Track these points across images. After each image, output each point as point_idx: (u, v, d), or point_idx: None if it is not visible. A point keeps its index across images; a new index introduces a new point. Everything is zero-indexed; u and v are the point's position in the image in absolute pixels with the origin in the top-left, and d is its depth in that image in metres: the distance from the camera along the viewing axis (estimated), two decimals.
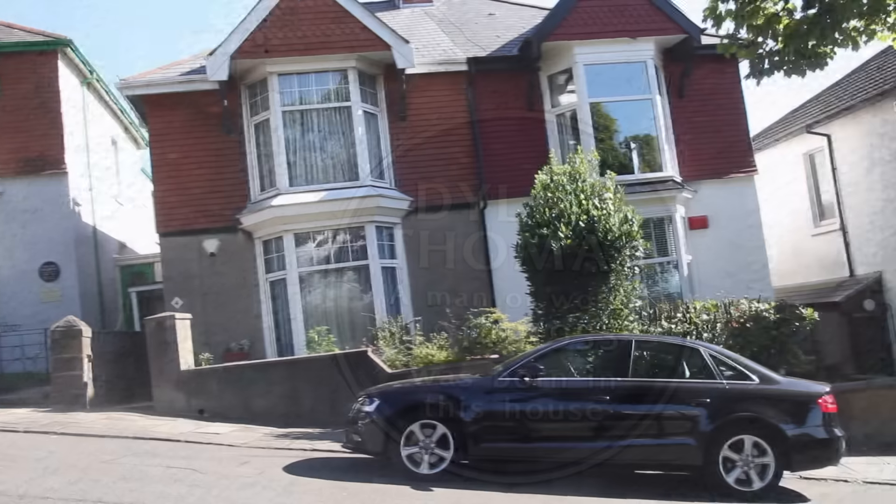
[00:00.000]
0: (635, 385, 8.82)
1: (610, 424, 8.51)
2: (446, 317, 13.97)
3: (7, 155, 17.19)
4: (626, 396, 8.66)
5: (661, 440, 8.59)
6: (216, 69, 15.13)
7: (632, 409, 8.63)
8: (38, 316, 16.32)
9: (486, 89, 16.90)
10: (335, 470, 8.89)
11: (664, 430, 8.63)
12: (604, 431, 8.51)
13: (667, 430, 8.62)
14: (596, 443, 8.52)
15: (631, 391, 8.73)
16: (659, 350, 9.94)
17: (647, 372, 9.38)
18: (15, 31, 18.08)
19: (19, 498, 6.40)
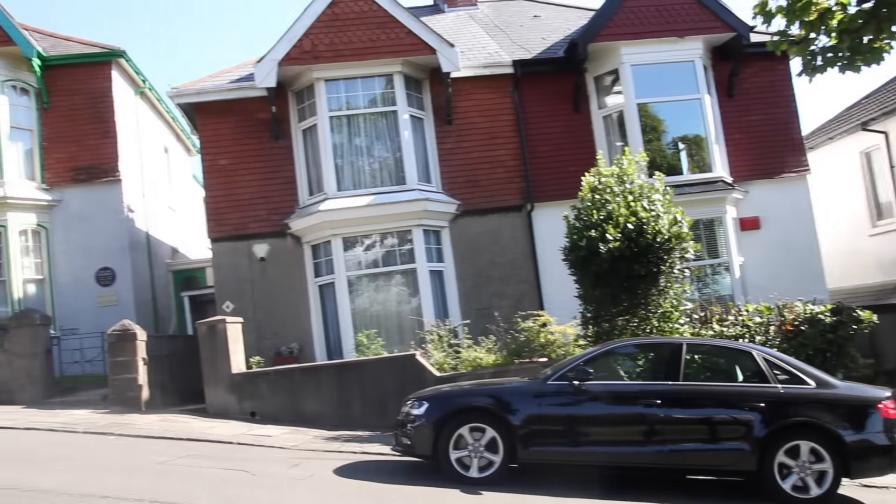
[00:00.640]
0: (687, 389, 8.68)
1: (661, 429, 8.40)
2: (494, 320, 13.97)
3: (64, 164, 17.66)
4: (678, 400, 8.54)
5: (714, 445, 8.45)
6: (264, 76, 15.35)
7: (683, 414, 8.51)
8: (95, 320, 16.70)
9: (531, 92, 16.86)
10: (385, 472, 8.93)
11: (717, 434, 8.49)
12: (654, 436, 8.40)
13: (719, 435, 8.48)
14: (646, 447, 8.43)
15: (682, 395, 8.60)
16: (711, 353, 9.78)
17: (698, 375, 9.24)
18: (72, 45, 18.56)
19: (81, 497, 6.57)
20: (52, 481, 7.25)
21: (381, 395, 12.66)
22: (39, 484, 7.05)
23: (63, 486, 7.01)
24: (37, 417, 12.14)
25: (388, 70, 15.96)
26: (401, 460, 9.45)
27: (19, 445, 9.89)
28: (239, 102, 16.19)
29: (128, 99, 19.29)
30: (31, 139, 17.60)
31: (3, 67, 17.19)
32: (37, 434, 10.84)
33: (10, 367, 14.17)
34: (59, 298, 17.28)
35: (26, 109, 17.65)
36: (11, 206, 16.75)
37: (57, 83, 17.82)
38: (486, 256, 16.16)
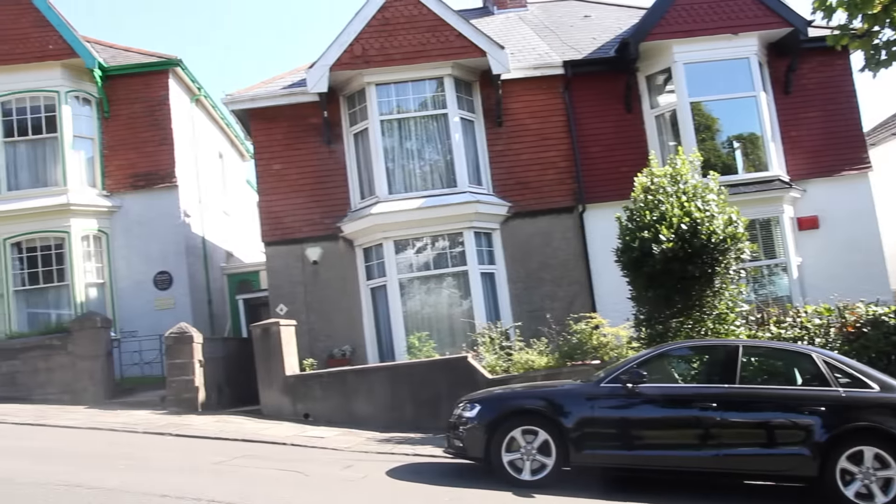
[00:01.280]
0: (743, 392, 8.51)
1: (717, 432, 8.24)
2: (546, 322, 13.90)
3: (124, 171, 18.13)
4: (734, 403, 8.37)
5: (772, 450, 8.26)
6: (316, 81, 15.54)
7: (740, 417, 8.35)
8: (153, 323, 17.09)
9: (583, 92, 16.74)
10: (437, 475, 8.94)
11: (775, 439, 8.30)
12: (710, 439, 8.25)
13: (778, 440, 8.28)
14: (702, 451, 8.28)
15: (739, 398, 8.43)
16: (768, 356, 9.57)
17: (755, 378, 9.06)
18: (131, 55, 19.03)
19: (142, 495, 6.72)
20: (115, 480, 7.43)
21: (433, 398, 12.69)
22: (103, 482, 7.24)
23: (125, 484, 7.19)
24: (99, 417, 12.47)
25: (439, 73, 16.00)
26: (453, 462, 9.46)
27: (83, 444, 10.16)
28: (291, 108, 16.41)
29: (184, 106, 19.70)
30: (92, 147, 18.11)
31: (66, 79, 17.72)
32: (99, 433, 11.14)
33: (74, 369, 14.58)
34: (119, 302, 17.73)
35: (88, 119, 18.16)
36: (74, 212, 17.25)
37: (117, 92, 18.32)
38: (538, 258, 16.09)
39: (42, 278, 17.29)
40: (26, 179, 17.63)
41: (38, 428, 11.50)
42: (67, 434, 11.06)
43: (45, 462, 8.56)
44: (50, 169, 17.63)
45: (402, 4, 15.94)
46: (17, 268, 17.31)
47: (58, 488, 6.87)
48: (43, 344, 14.79)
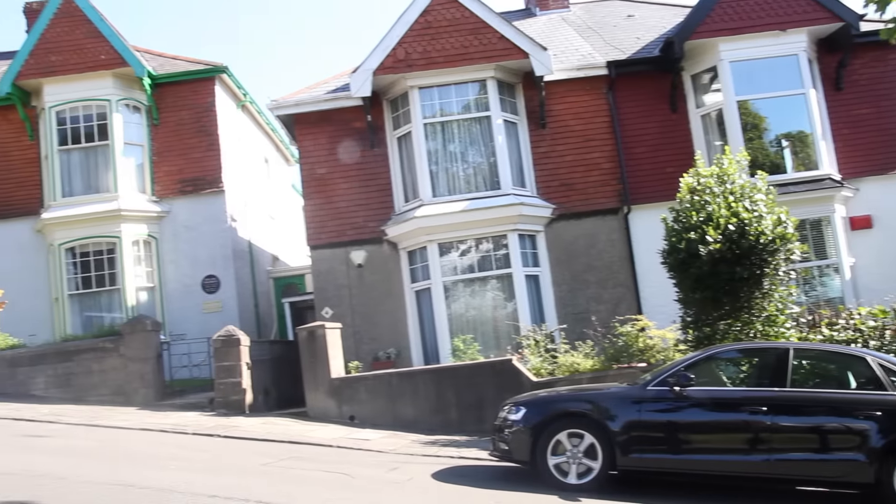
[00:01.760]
0: (795, 396, 8.33)
1: (767, 437, 8.08)
2: (591, 325, 13.80)
3: (172, 177, 18.48)
4: (785, 407, 8.20)
5: (826, 455, 8.07)
6: (359, 86, 15.65)
7: (791, 422, 8.17)
8: (201, 326, 17.38)
9: (627, 92, 16.61)
10: (482, 478, 8.92)
11: (828, 444, 8.10)
12: (760, 444, 8.09)
13: (831, 445, 8.09)
14: (751, 456, 8.12)
15: (790, 402, 8.25)
16: (820, 359, 9.36)
17: (807, 382, 8.86)
18: (179, 63, 19.40)
19: (192, 495, 6.82)
20: (165, 480, 7.56)
21: (477, 400, 12.67)
22: (154, 482, 7.37)
23: (175, 484, 7.31)
24: (150, 419, 12.70)
25: (482, 75, 16.01)
26: (498, 465, 9.44)
27: (135, 444, 10.36)
28: (335, 112, 16.55)
29: (230, 112, 20.00)
30: (142, 154, 18.49)
31: (117, 88, 18.14)
32: (150, 434, 11.34)
33: (125, 371, 14.87)
34: (168, 305, 18.06)
35: (138, 126, 18.55)
36: (125, 217, 17.63)
37: (165, 100, 18.69)
38: (583, 260, 15.99)
39: (95, 282, 17.71)
40: (80, 186, 18.09)
41: (91, 428, 11.75)
42: (120, 434, 11.29)
43: (98, 461, 8.75)
44: (102, 175, 18.06)
45: (445, 7, 15.99)
46: (72, 272, 17.75)
47: (112, 487, 7.02)
48: (96, 346, 15.11)
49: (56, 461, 8.56)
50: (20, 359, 15.21)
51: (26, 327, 17.17)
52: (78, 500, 6.48)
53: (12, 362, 15.19)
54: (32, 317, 17.59)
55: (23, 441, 10.12)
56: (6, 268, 17.90)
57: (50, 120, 18.08)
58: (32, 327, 17.34)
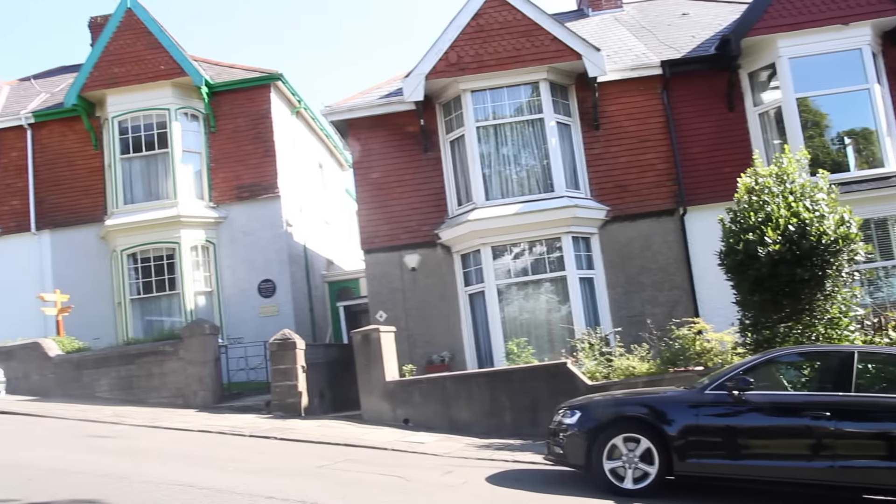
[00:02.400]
0: (860, 401, 8.07)
1: (830, 443, 7.84)
2: (646, 327, 13.63)
3: (229, 183, 18.83)
4: (849, 413, 7.94)
5: (893, 462, 7.79)
6: (412, 90, 15.73)
7: (856, 427, 7.92)
8: (258, 330, 17.67)
9: (682, 92, 16.37)
10: (537, 482, 8.87)
11: None
12: (823, 450, 7.85)
13: None
14: (814, 462, 7.89)
15: (855, 407, 8.00)
16: (887, 363, 9.05)
17: (872, 386, 8.56)
18: (235, 71, 19.77)
19: (249, 496, 6.94)
20: (224, 481, 7.69)
21: (532, 404, 12.62)
22: (213, 483, 7.50)
23: (233, 485, 7.43)
24: (208, 421, 12.94)
25: (534, 78, 15.95)
26: (553, 469, 9.38)
27: (194, 446, 10.56)
28: (388, 117, 16.67)
29: (285, 119, 20.29)
30: (200, 161, 18.89)
31: (176, 97, 18.58)
32: (209, 436, 11.56)
33: (185, 374, 15.19)
34: (226, 309, 18.39)
35: (196, 134, 18.96)
36: (184, 223, 18.02)
37: (222, 107, 19.06)
38: (638, 262, 15.80)
39: (155, 287, 18.13)
40: (141, 193, 18.56)
41: (152, 429, 12.03)
42: (179, 436, 11.53)
43: (159, 462, 8.95)
44: (162, 183, 18.50)
45: (496, 11, 15.96)
46: (133, 277, 18.21)
47: (172, 487, 7.17)
48: (156, 350, 15.47)
49: (120, 461, 8.79)
50: (85, 361, 15.67)
51: (91, 331, 17.72)
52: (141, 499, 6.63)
53: (78, 365, 15.66)
54: (97, 321, 18.13)
55: (88, 441, 10.41)
56: (72, 273, 18.50)
57: (113, 129, 18.61)
58: (97, 331, 17.87)
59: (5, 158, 19.40)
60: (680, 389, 9.09)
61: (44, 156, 19.30)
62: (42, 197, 19.11)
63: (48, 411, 13.33)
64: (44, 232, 19.02)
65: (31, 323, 18.01)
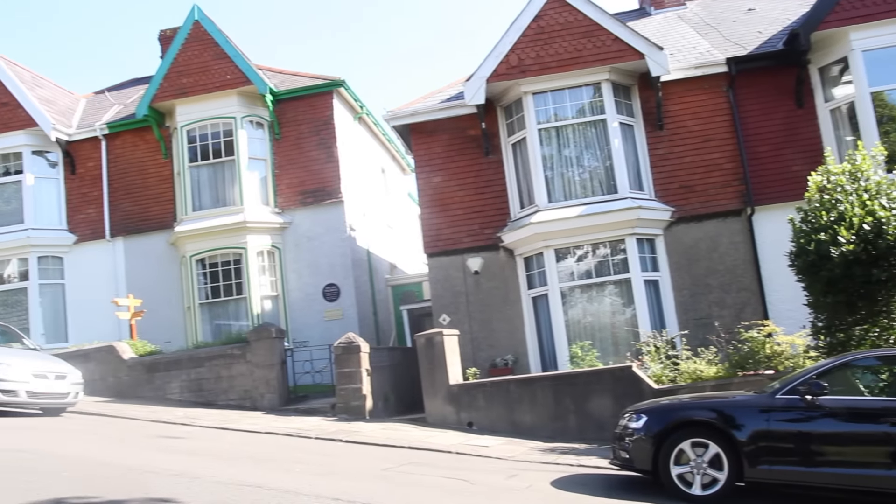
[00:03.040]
0: None
1: None
2: (714, 330, 13.38)
3: (293, 189, 19.14)
4: None
5: None
6: (473, 93, 15.74)
7: None
8: (323, 333, 17.90)
9: (748, 89, 15.99)
10: (602, 486, 8.77)
11: None
12: None
13: None
14: (892, 471, 7.61)
15: None
16: None
17: None
18: (298, 78, 20.09)
19: (316, 497, 7.02)
20: (291, 482, 7.80)
21: (596, 408, 12.50)
22: (281, 484, 7.62)
23: (300, 486, 7.53)
24: (275, 423, 13.15)
25: (596, 78, 15.79)
26: (619, 474, 9.26)
27: (262, 447, 10.75)
28: (450, 121, 16.72)
29: (347, 124, 20.53)
30: (265, 167, 19.25)
31: (242, 105, 18.99)
32: (276, 438, 11.76)
33: (252, 377, 15.47)
34: (291, 313, 18.68)
35: (261, 141, 19.33)
36: (250, 229, 18.39)
37: (286, 114, 19.40)
38: (704, 264, 15.49)
39: (223, 292, 18.53)
40: (208, 200, 19.01)
41: (221, 431, 12.30)
42: (247, 437, 11.75)
43: (228, 462, 9.13)
44: (228, 189, 18.91)
45: (557, 12, 15.87)
46: (202, 282, 18.66)
47: (241, 488, 7.30)
48: (225, 353, 15.80)
49: (190, 461, 8.99)
50: (157, 364, 16.11)
51: (162, 334, 18.22)
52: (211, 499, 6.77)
53: (150, 368, 16.11)
54: (167, 324, 18.63)
55: (161, 442, 10.69)
56: (145, 279, 19.06)
57: (181, 138, 19.12)
58: (168, 334, 18.37)
59: (82, 168, 20.12)
60: (750, 394, 8.90)
61: (117, 165, 19.95)
62: (116, 205, 19.76)
63: (122, 412, 13.75)
64: (117, 239, 19.66)
65: (106, 327, 18.62)
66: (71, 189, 20.12)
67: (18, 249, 19.39)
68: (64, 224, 19.93)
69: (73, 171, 20.13)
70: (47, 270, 19.60)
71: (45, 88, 21.61)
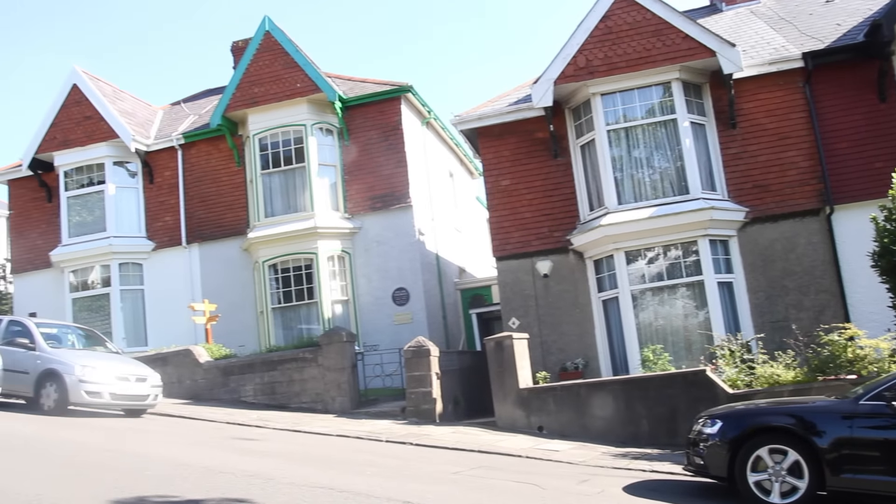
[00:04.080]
0: None
1: None
2: (791, 333, 12.98)
3: (362, 194, 19.36)
4: None
5: None
6: (541, 96, 15.66)
7: None
8: (392, 337, 18.03)
9: (826, 85, 15.47)
10: (676, 493, 8.60)
11: None
12: None
13: None
14: None
15: None
16: None
17: None
18: (367, 85, 20.33)
19: (387, 500, 7.08)
20: (363, 484, 7.87)
21: (669, 413, 12.26)
22: (352, 486, 7.69)
23: (371, 489, 7.59)
24: (346, 426, 13.31)
25: (666, 78, 15.51)
26: (693, 480, 9.07)
27: (333, 450, 10.88)
28: (517, 124, 16.66)
29: (415, 129, 20.66)
30: (335, 174, 19.53)
31: (312, 113, 19.32)
32: (347, 441, 11.89)
33: (323, 380, 15.69)
34: (361, 317, 18.88)
35: (331, 147, 19.62)
36: (321, 234, 18.67)
37: (355, 121, 19.65)
38: (780, 265, 15.04)
39: (294, 296, 18.85)
40: (280, 206, 19.39)
41: (294, 433, 12.51)
42: (319, 440, 11.92)
43: (301, 464, 9.27)
44: (299, 196, 19.24)
45: (625, 11, 15.66)
46: (274, 287, 19.02)
47: (314, 489, 7.40)
48: (297, 357, 16.06)
49: (264, 463, 9.17)
50: (231, 368, 16.49)
51: (236, 338, 18.65)
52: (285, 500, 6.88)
53: (225, 371, 16.49)
54: (241, 329, 19.06)
55: (236, 443, 10.93)
56: (219, 284, 19.55)
57: (254, 146, 19.55)
58: (241, 338, 18.78)
59: (159, 178, 20.78)
60: (831, 399, 8.59)
61: (192, 174, 20.54)
62: (191, 212, 20.34)
63: (199, 414, 14.12)
64: (193, 245, 20.22)
65: (182, 331, 19.18)
66: (149, 198, 20.80)
67: (101, 257, 20.14)
68: (143, 232, 20.61)
69: (151, 180, 20.80)
70: (128, 276, 20.31)
71: (125, 101, 22.39)
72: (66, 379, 12.82)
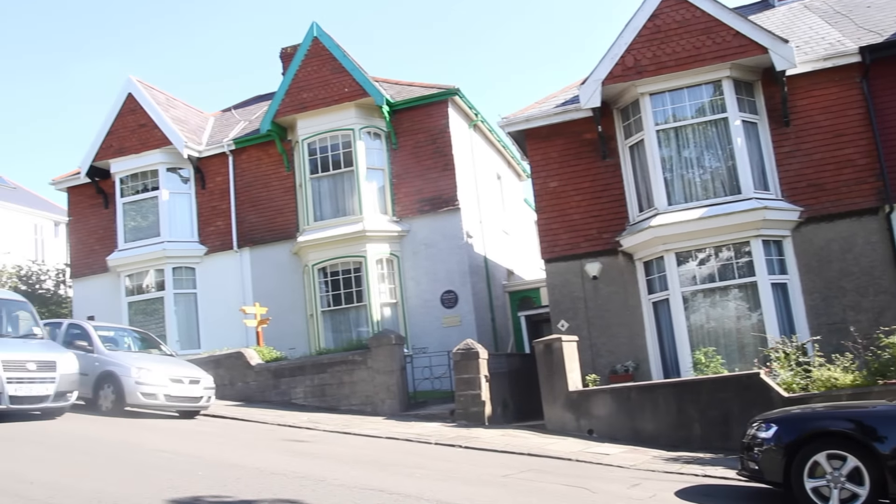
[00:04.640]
0: None
1: None
2: (849, 336, 12.65)
3: (410, 197, 19.45)
4: None
5: None
6: (589, 97, 15.54)
7: None
8: (441, 339, 18.06)
9: (885, 80, 15.01)
10: (730, 498, 8.46)
11: None
12: None
13: None
14: None
15: None
16: None
17: None
18: (413, 88, 20.42)
19: (437, 503, 7.10)
20: (412, 487, 7.90)
21: (722, 416, 12.05)
22: (402, 488, 7.73)
23: (421, 491, 7.62)
24: (396, 428, 13.36)
25: (716, 76, 15.26)
26: (747, 486, 8.89)
27: (383, 452, 10.94)
28: (565, 125, 16.56)
29: (462, 132, 20.67)
30: (383, 177, 19.66)
31: (359, 117, 19.49)
32: (396, 443, 11.94)
33: (373, 383, 15.78)
34: (410, 320, 18.95)
35: (378, 151, 19.76)
36: (370, 238, 18.80)
37: (402, 124, 19.75)
38: (837, 266, 14.67)
39: (343, 299, 19.01)
40: (328, 210, 19.59)
41: (344, 435, 12.61)
42: (369, 442, 11.99)
43: (351, 466, 9.34)
44: (348, 199, 19.42)
45: (674, 9, 15.46)
46: (323, 290, 19.21)
47: (364, 491, 7.46)
48: (346, 359, 16.19)
49: (315, 464, 9.26)
50: (282, 370, 16.69)
51: (286, 341, 18.87)
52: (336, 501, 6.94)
53: (276, 373, 16.70)
54: (291, 331, 19.28)
55: (287, 445, 11.05)
56: (270, 287, 19.83)
57: (303, 151, 19.78)
58: (292, 341, 19.01)
59: (211, 183, 21.15)
60: (892, 404, 8.34)
61: (243, 179, 20.87)
62: (242, 217, 20.67)
63: (251, 416, 14.31)
64: (244, 250, 20.54)
65: (234, 334, 19.48)
66: (201, 203, 21.19)
67: (155, 261, 20.58)
68: (195, 236, 20.99)
69: (203, 185, 21.19)
70: (181, 280, 20.71)
71: (178, 109, 22.85)
72: (123, 381, 13.15)
